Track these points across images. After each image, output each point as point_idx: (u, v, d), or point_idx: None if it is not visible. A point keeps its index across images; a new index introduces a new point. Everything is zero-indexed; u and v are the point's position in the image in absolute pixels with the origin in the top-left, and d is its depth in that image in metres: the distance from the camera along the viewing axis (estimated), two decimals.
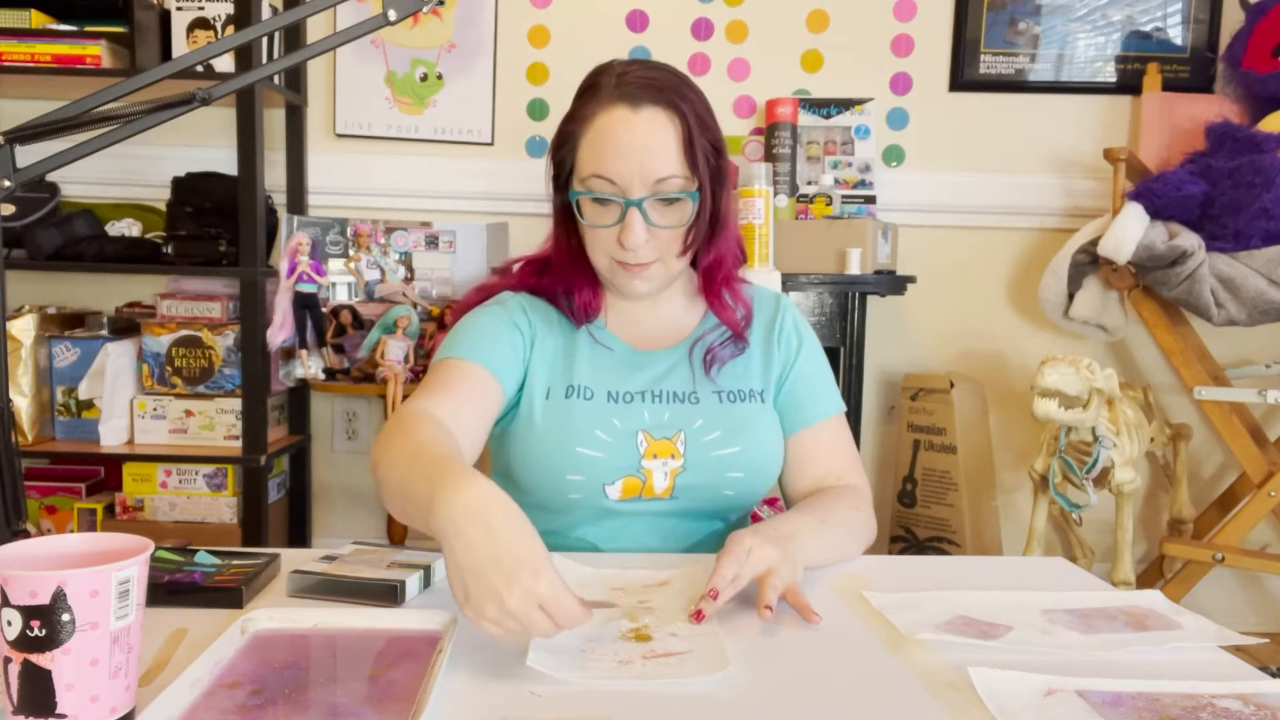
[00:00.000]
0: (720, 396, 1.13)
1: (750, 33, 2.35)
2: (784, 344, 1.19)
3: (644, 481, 1.08)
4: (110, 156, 1.53)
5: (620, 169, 1.04)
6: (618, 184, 1.05)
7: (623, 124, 1.05)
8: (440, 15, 2.31)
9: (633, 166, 1.04)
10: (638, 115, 1.05)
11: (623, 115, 1.05)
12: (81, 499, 2.15)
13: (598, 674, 0.71)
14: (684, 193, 1.06)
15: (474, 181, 2.35)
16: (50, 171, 0.89)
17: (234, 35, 0.94)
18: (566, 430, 1.08)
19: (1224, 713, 0.68)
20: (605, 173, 1.05)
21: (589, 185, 1.07)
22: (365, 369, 2.13)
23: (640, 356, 1.15)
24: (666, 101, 1.06)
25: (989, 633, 0.82)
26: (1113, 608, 0.90)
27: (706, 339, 1.16)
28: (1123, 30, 2.34)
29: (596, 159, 1.06)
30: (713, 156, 1.09)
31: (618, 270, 1.10)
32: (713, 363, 1.14)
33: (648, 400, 1.11)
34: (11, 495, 0.83)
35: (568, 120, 1.10)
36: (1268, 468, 2.02)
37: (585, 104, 1.09)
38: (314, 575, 0.88)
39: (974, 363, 2.43)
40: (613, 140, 1.05)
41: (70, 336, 2.13)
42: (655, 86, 1.06)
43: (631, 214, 1.05)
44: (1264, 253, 1.96)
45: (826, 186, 2.25)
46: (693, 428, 1.10)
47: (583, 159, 1.08)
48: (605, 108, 1.06)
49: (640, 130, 1.05)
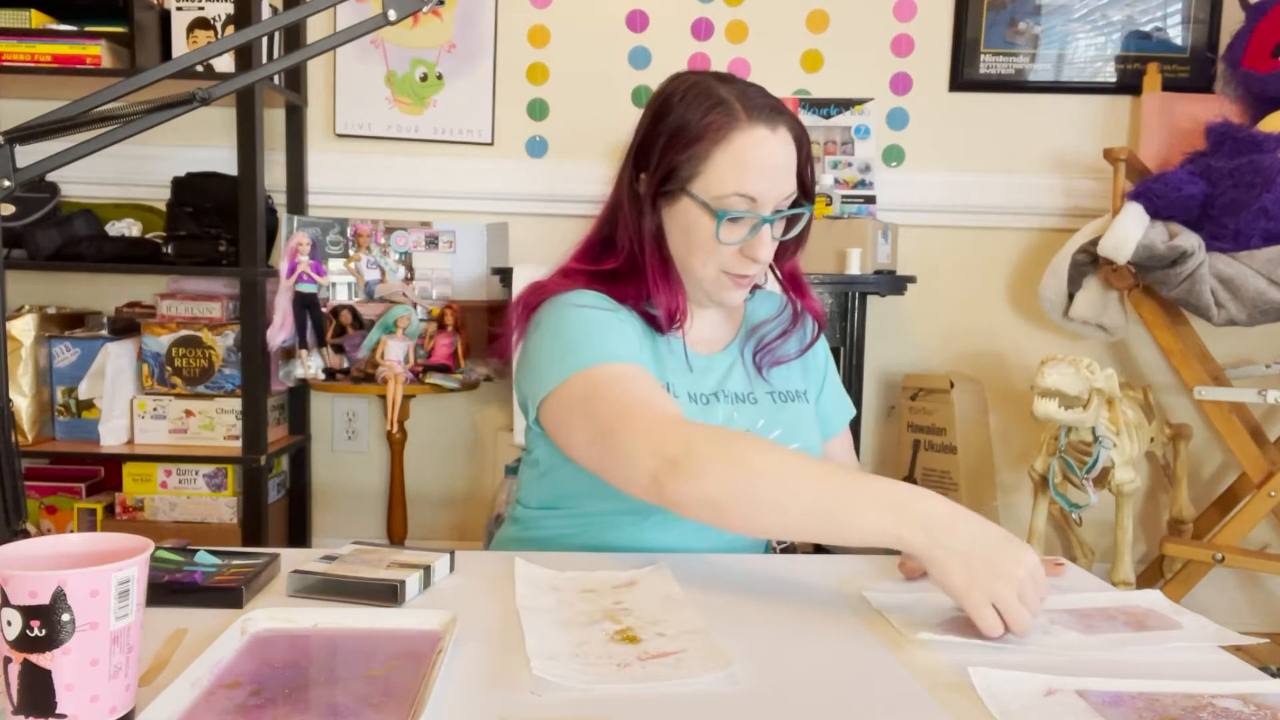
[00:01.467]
0: (774, 397, 1.18)
1: (750, 33, 2.35)
2: (816, 355, 1.26)
3: None
4: (110, 156, 1.53)
5: (764, 188, 1.06)
6: (758, 202, 1.07)
7: (765, 144, 1.07)
8: (440, 15, 2.31)
9: (774, 184, 1.07)
10: (775, 136, 1.08)
11: (764, 135, 1.07)
12: (81, 499, 2.15)
13: (600, 678, 0.71)
14: (805, 208, 1.12)
15: (474, 181, 2.35)
16: (50, 171, 0.88)
17: (234, 35, 0.93)
18: None
19: (1224, 713, 0.68)
20: (748, 191, 1.06)
21: (727, 204, 1.06)
22: (365, 369, 2.13)
23: (700, 360, 1.17)
24: (792, 122, 1.11)
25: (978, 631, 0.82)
26: (1113, 608, 0.90)
27: (753, 339, 1.20)
28: (1123, 30, 2.34)
29: (739, 178, 1.06)
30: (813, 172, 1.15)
31: (724, 281, 1.11)
32: (764, 359, 1.18)
33: (721, 401, 1.14)
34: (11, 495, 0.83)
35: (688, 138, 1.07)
36: (1268, 468, 2.02)
37: (715, 120, 1.06)
38: (314, 575, 0.88)
39: (974, 363, 2.43)
40: (757, 160, 1.06)
41: (70, 336, 2.13)
42: (780, 108, 1.10)
43: (764, 230, 1.08)
44: (1264, 253, 1.96)
45: (826, 186, 2.25)
46: (757, 427, 1.14)
47: (718, 176, 1.06)
48: (743, 126, 1.06)
49: (781, 148, 1.08)
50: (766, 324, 1.21)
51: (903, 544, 0.84)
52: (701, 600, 0.89)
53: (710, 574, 0.98)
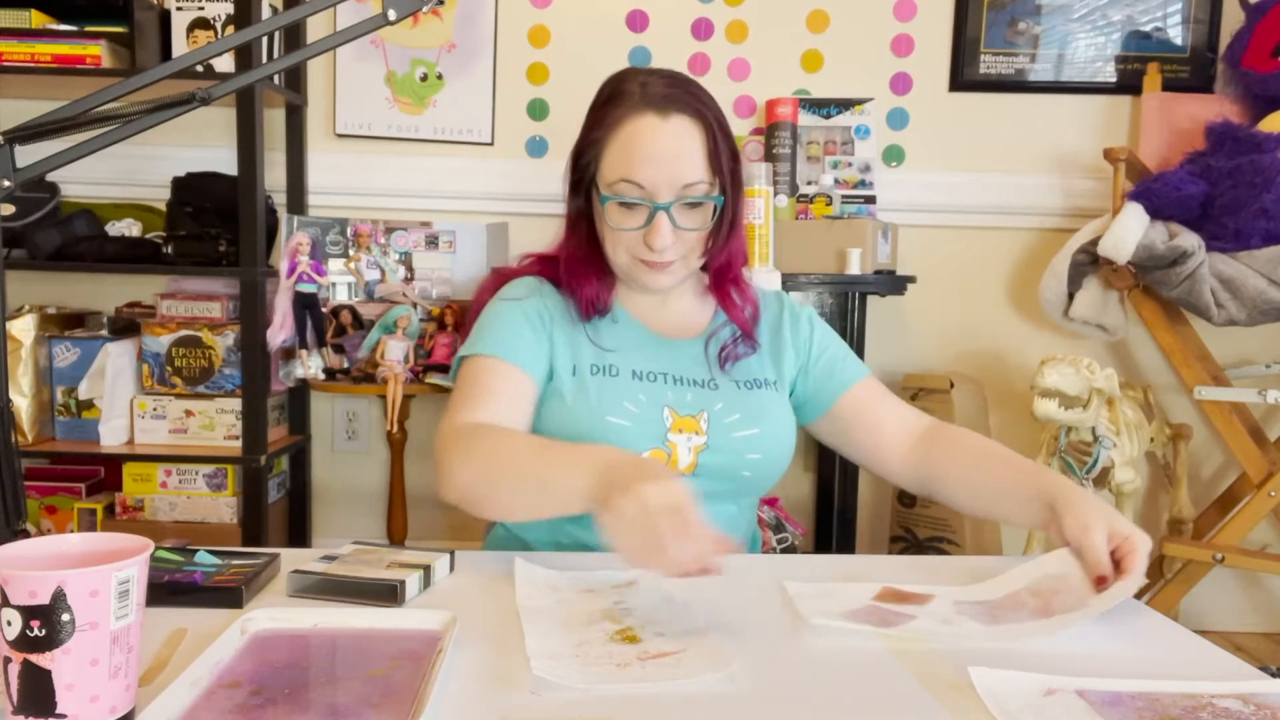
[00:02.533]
0: (738, 384, 1.17)
1: (750, 33, 2.35)
2: (797, 334, 1.23)
3: (669, 455, 1.11)
4: (110, 156, 1.53)
5: (649, 174, 1.07)
6: (646, 189, 1.08)
7: (651, 130, 1.08)
8: (440, 15, 2.31)
9: (662, 172, 1.07)
10: (666, 123, 1.08)
11: (651, 122, 1.08)
12: (81, 499, 2.15)
13: (600, 678, 0.71)
14: (708, 197, 1.10)
15: (474, 181, 2.35)
16: (50, 171, 0.89)
17: (234, 35, 0.94)
18: (596, 402, 1.11)
19: (1224, 713, 0.68)
20: (634, 178, 1.08)
21: (616, 190, 1.09)
22: (365, 369, 2.13)
23: (660, 342, 1.18)
24: (693, 110, 1.09)
25: (890, 621, 0.83)
26: (1025, 590, 0.91)
27: (720, 335, 1.19)
28: (1123, 30, 2.34)
29: (625, 164, 1.08)
30: (731, 163, 1.13)
31: (639, 267, 1.13)
32: (727, 359, 1.17)
33: (670, 382, 1.15)
34: (11, 495, 0.83)
35: (591, 127, 1.13)
36: (1268, 468, 2.02)
37: (610, 111, 1.11)
38: (314, 575, 0.88)
39: (974, 363, 2.43)
40: (641, 146, 1.08)
41: (70, 336, 2.13)
42: (680, 96, 1.10)
43: (659, 218, 1.08)
44: (1264, 253, 1.96)
45: (826, 186, 2.25)
46: (714, 409, 1.14)
47: (609, 164, 1.10)
48: (632, 115, 1.09)
49: (669, 137, 1.08)
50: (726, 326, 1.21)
51: (592, 502, 0.86)
52: (701, 600, 0.89)
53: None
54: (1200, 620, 2.42)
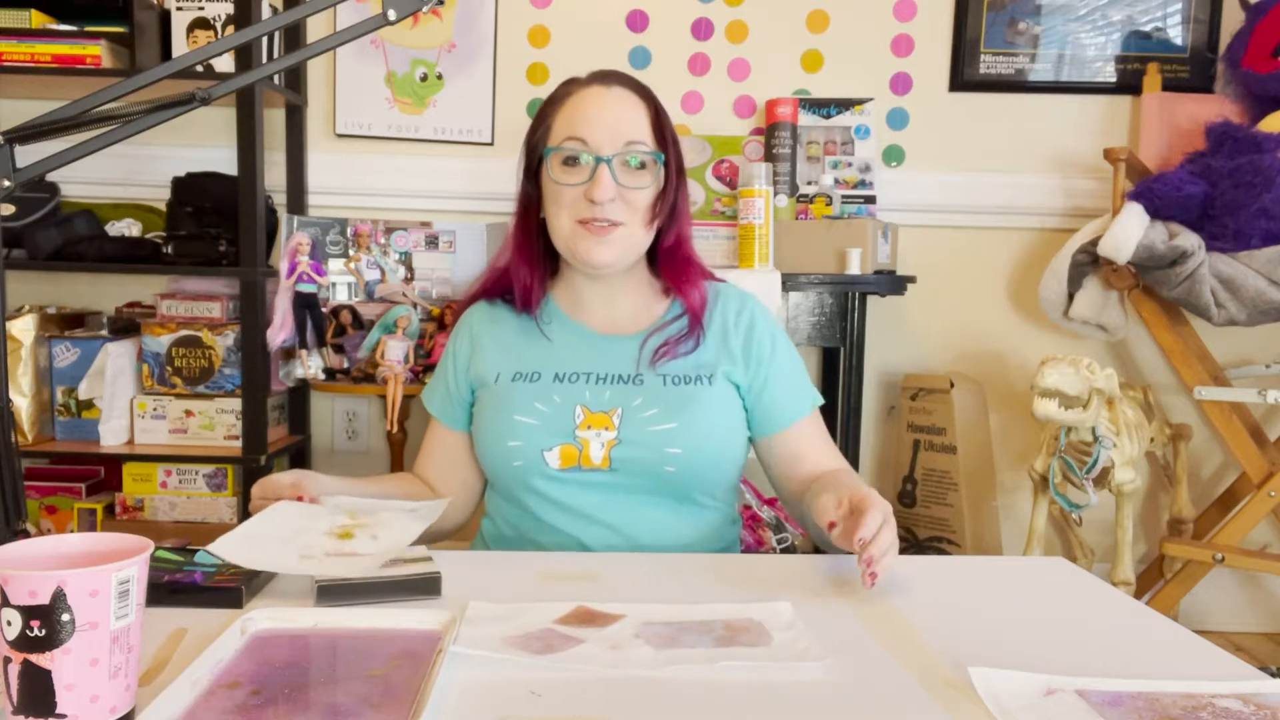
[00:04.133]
0: (665, 379, 1.18)
1: (750, 33, 2.35)
2: (749, 351, 1.21)
3: (580, 450, 1.13)
4: (110, 156, 1.53)
5: (593, 129, 1.14)
6: (589, 143, 1.13)
7: (595, 96, 1.16)
8: (440, 15, 2.31)
9: (605, 127, 1.14)
10: (610, 90, 1.16)
11: (596, 90, 1.17)
12: (81, 499, 2.15)
13: (274, 563, 0.83)
14: (652, 154, 1.15)
15: (474, 181, 2.35)
16: (50, 171, 0.89)
17: (234, 35, 0.93)
18: (507, 405, 1.17)
19: (1224, 713, 0.68)
20: (578, 133, 1.14)
21: (561, 146, 1.15)
22: (365, 369, 2.13)
23: (598, 340, 1.21)
24: (636, 86, 1.18)
25: (553, 647, 0.77)
26: (719, 621, 0.83)
27: (664, 332, 1.20)
28: (1123, 30, 2.34)
29: (570, 124, 1.15)
30: (675, 145, 1.19)
31: (580, 234, 1.14)
32: (662, 356, 1.18)
33: (590, 381, 1.17)
34: (11, 495, 0.83)
35: (540, 114, 1.21)
36: (1268, 468, 2.02)
37: (557, 94, 1.20)
38: (344, 584, 0.86)
39: (974, 363, 2.43)
40: (585, 108, 1.15)
41: (70, 336, 2.13)
42: (624, 77, 1.19)
43: (601, 169, 1.13)
44: (1264, 253, 1.96)
45: (826, 186, 2.25)
46: (631, 405, 1.15)
47: (556, 130, 1.17)
48: (579, 88, 1.18)
49: (613, 100, 1.16)
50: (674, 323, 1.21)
51: None
52: (702, 600, 0.89)
53: (711, 575, 0.98)
54: (1200, 620, 2.42)
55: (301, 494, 1.00)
